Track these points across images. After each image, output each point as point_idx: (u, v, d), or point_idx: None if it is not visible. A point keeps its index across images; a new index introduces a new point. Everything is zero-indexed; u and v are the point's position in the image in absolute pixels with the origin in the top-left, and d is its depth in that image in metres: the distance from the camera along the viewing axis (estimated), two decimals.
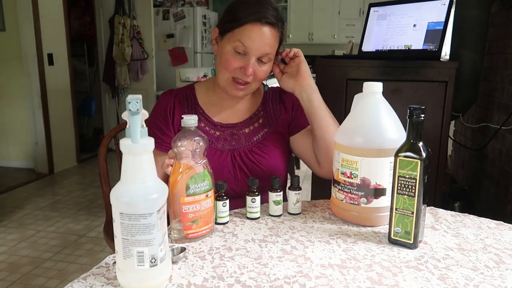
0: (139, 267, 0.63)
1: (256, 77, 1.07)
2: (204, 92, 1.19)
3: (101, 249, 2.50)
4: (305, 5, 5.73)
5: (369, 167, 0.87)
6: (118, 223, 0.63)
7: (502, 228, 0.91)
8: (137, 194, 0.62)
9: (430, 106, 1.53)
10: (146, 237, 0.62)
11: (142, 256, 0.63)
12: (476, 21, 2.02)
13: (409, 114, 0.78)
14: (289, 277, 0.70)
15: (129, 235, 0.62)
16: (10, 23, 3.85)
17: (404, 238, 0.81)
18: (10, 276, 2.20)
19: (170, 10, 5.25)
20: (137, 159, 0.62)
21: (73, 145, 4.29)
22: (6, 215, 3.00)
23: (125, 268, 0.64)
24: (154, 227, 0.62)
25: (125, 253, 0.63)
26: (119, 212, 0.62)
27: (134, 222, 0.61)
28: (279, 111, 1.20)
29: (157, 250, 0.64)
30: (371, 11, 1.81)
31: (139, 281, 0.64)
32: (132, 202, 0.61)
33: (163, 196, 0.65)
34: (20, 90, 3.92)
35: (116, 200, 0.62)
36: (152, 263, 0.63)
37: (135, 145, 0.62)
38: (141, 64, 4.70)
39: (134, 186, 0.62)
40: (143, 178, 0.63)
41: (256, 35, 1.03)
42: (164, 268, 0.66)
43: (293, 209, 0.98)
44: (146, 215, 0.61)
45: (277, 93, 1.23)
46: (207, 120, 1.16)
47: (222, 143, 1.15)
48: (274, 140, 1.17)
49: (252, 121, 1.18)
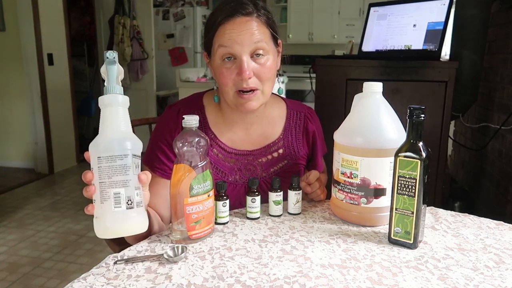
0: (116, 209, 0.65)
1: (260, 77, 0.96)
2: (215, 114, 1.07)
3: (101, 249, 2.50)
4: (305, 5, 5.73)
5: (369, 167, 0.87)
6: (96, 168, 0.66)
7: (502, 228, 0.91)
8: (113, 138, 0.66)
9: (430, 106, 1.53)
10: (122, 178, 0.65)
11: (119, 197, 0.65)
12: (476, 21, 2.02)
13: (409, 114, 0.78)
14: (289, 277, 0.70)
15: (106, 177, 0.65)
16: (10, 23, 3.85)
17: (404, 238, 0.81)
18: (10, 276, 2.20)
19: (170, 10, 5.25)
20: (113, 110, 0.67)
21: (73, 145, 4.29)
22: (6, 215, 3.00)
23: (101, 214, 0.66)
24: (130, 168, 0.66)
25: (102, 196, 0.65)
26: (96, 157, 0.65)
27: (111, 163, 0.65)
28: (301, 143, 1.11)
29: (133, 192, 0.66)
30: (371, 11, 1.81)
31: (115, 222, 0.66)
32: (109, 145, 0.65)
33: (137, 144, 0.68)
34: (20, 90, 3.92)
35: (94, 147, 0.66)
36: (128, 204, 0.66)
37: (111, 96, 0.67)
38: (141, 64, 4.70)
39: (111, 133, 0.67)
40: (118, 127, 0.67)
41: (232, 30, 0.93)
42: (141, 214, 0.68)
43: (293, 209, 0.98)
44: (122, 156, 0.65)
45: (303, 118, 1.12)
46: (220, 147, 1.05)
47: (235, 174, 1.05)
48: (293, 172, 1.08)
49: (270, 151, 1.08)
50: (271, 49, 0.98)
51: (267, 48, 0.96)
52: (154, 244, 0.83)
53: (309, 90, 3.68)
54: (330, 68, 1.71)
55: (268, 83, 0.98)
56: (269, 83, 0.98)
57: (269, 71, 0.97)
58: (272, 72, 0.98)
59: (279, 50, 1.05)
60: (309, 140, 1.13)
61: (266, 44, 0.96)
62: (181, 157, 0.81)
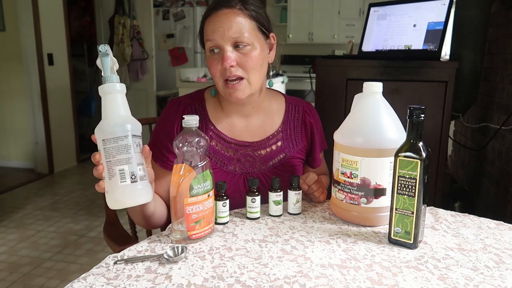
0: (122, 184, 0.73)
1: (244, 66, 0.98)
2: (214, 106, 1.10)
3: (101, 249, 2.50)
4: (305, 5, 5.73)
5: (369, 167, 0.87)
6: (102, 150, 0.74)
7: (502, 228, 0.91)
8: (114, 123, 0.74)
9: (430, 106, 1.53)
10: (125, 156, 0.74)
11: (124, 173, 0.73)
12: (476, 21, 2.02)
13: (409, 114, 0.78)
14: (289, 277, 0.70)
15: (111, 156, 0.73)
16: (10, 23, 3.85)
17: (404, 238, 0.81)
18: (10, 276, 2.20)
19: (170, 10, 5.25)
20: (112, 97, 0.75)
21: (73, 145, 4.29)
22: (6, 215, 3.00)
23: (110, 188, 0.75)
24: (131, 147, 0.74)
25: (110, 173, 0.74)
26: (101, 140, 0.74)
27: (114, 144, 0.73)
28: (299, 136, 1.13)
29: (136, 168, 0.75)
30: (371, 11, 1.81)
31: (123, 195, 0.74)
32: (110, 129, 0.74)
33: (136, 126, 0.76)
34: (20, 90, 3.92)
35: (99, 131, 0.74)
36: (132, 179, 0.74)
37: (110, 84, 0.75)
38: (141, 64, 4.70)
39: (112, 117, 0.75)
40: (119, 112, 0.75)
41: (215, 23, 0.97)
42: (145, 186, 0.77)
43: (293, 209, 0.98)
44: (122, 137, 0.73)
45: (301, 112, 1.15)
46: (219, 137, 1.08)
47: (235, 164, 1.07)
48: (291, 166, 1.11)
49: (269, 143, 1.10)
50: (257, 40, 1.00)
51: (250, 39, 0.98)
52: (154, 244, 0.83)
53: (309, 90, 3.67)
54: (330, 68, 1.71)
55: (254, 72, 0.99)
56: (255, 73, 1.00)
57: (252, 60, 0.98)
58: (257, 62, 0.99)
59: (272, 43, 1.07)
60: (307, 133, 1.15)
61: (249, 35, 0.98)
62: (181, 157, 0.81)
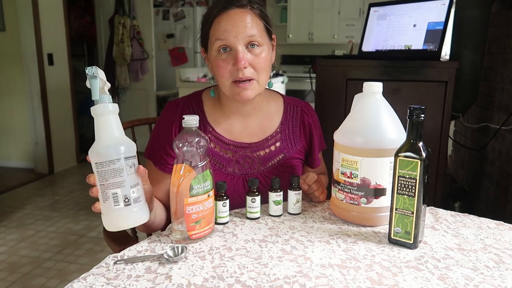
0: (115, 207, 0.73)
1: (256, 67, 0.97)
2: (212, 108, 1.09)
3: (101, 249, 2.50)
4: (305, 5, 5.72)
5: (369, 167, 0.87)
6: (95, 172, 0.73)
7: (502, 228, 0.91)
8: (106, 145, 0.73)
9: (430, 106, 1.53)
10: (117, 180, 0.72)
11: (117, 197, 0.73)
12: (476, 21, 2.02)
13: (409, 114, 0.78)
14: (289, 277, 0.70)
15: (104, 180, 0.72)
16: (10, 23, 3.85)
17: (404, 238, 0.81)
18: (10, 276, 2.20)
19: (170, 10, 5.25)
20: (104, 119, 0.74)
21: (73, 145, 4.29)
22: (6, 215, 3.00)
23: (105, 211, 0.74)
24: (123, 170, 0.73)
25: (104, 196, 0.73)
26: (94, 163, 0.73)
27: (106, 168, 0.72)
28: (298, 136, 1.13)
29: (129, 191, 0.73)
30: (371, 11, 1.81)
31: (118, 218, 0.74)
32: (102, 152, 0.72)
33: (129, 147, 0.74)
34: (20, 90, 3.92)
35: (92, 154, 0.73)
36: (126, 202, 0.73)
37: (102, 105, 0.74)
38: (141, 64, 4.70)
39: (103, 140, 0.73)
40: (111, 133, 0.74)
41: (227, 22, 0.95)
42: (140, 208, 0.76)
43: (293, 209, 0.98)
44: (114, 160, 0.72)
45: (299, 112, 1.14)
46: (218, 139, 1.07)
47: (234, 166, 1.07)
48: (290, 166, 1.10)
49: (268, 144, 1.09)
50: (265, 41, 1.01)
51: (261, 39, 0.99)
52: (154, 244, 0.83)
53: (309, 90, 3.68)
54: (330, 68, 1.71)
55: (263, 73, 1.00)
56: (264, 74, 1.00)
57: (263, 61, 0.99)
58: (266, 63, 1.00)
59: (273, 44, 1.07)
60: (306, 133, 1.15)
61: (260, 35, 0.98)
62: (181, 157, 0.81)
